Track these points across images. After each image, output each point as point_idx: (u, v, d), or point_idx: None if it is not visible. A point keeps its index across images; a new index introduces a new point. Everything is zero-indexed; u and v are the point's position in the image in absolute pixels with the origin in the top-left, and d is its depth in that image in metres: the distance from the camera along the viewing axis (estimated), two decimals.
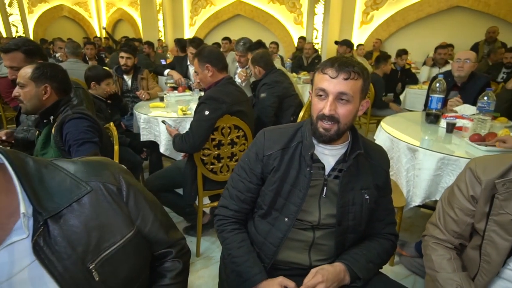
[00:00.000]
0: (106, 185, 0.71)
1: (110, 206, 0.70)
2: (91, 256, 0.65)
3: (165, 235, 0.81)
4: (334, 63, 0.92)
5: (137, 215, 0.75)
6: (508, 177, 0.88)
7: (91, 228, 0.66)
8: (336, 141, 0.99)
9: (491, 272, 0.90)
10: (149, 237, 0.78)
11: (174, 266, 0.84)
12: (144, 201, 0.78)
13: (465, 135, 1.96)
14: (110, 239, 0.68)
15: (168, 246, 0.83)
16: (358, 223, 1.03)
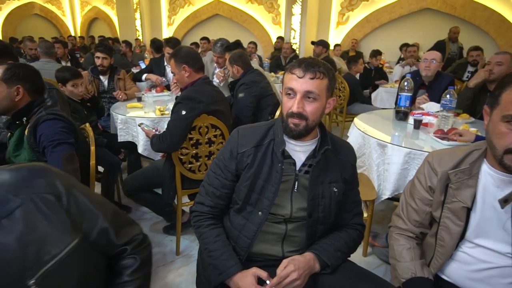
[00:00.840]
0: (41, 195, 0.66)
1: (46, 217, 0.65)
2: (30, 272, 0.61)
3: (115, 236, 0.79)
4: (301, 64, 0.98)
5: (82, 220, 0.72)
6: (460, 168, 0.97)
7: (27, 243, 0.62)
8: (305, 137, 1.05)
9: (445, 255, 0.99)
10: (98, 241, 0.75)
11: (130, 263, 0.83)
12: (88, 204, 0.75)
13: (430, 131, 2.08)
14: (51, 251, 0.64)
15: (122, 244, 0.81)
16: (328, 215, 1.09)
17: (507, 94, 0.83)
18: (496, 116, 0.86)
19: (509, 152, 0.82)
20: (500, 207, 0.90)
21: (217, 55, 3.23)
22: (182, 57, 1.89)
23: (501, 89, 0.85)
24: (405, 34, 6.77)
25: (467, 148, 1.01)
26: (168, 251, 2.13)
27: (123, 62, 5.04)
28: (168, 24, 10.62)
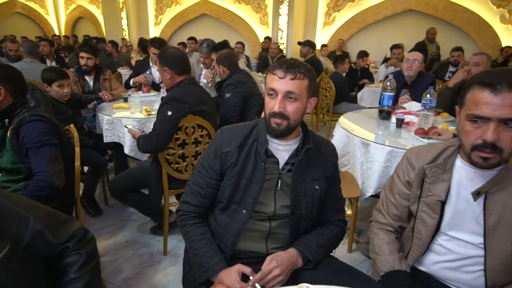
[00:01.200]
0: None
1: None
2: None
3: (53, 236, 0.77)
4: (282, 65, 1.01)
5: (8, 228, 0.68)
6: (435, 162, 1.02)
7: None
8: (287, 136, 1.08)
9: (421, 247, 1.04)
10: (34, 245, 0.73)
11: (75, 260, 0.81)
12: (14, 209, 0.71)
13: (411, 130, 2.15)
14: None
15: (62, 243, 0.80)
16: (310, 212, 1.12)
17: (470, 95, 0.88)
18: (463, 115, 0.90)
19: (475, 148, 0.87)
20: (473, 200, 0.94)
21: (203, 56, 3.24)
22: (164, 59, 1.91)
23: (466, 90, 0.90)
24: (390, 34, 6.91)
25: (443, 144, 1.05)
26: (156, 251, 2.13)
27: (109, 62, 4.98)
28: (155, 24, 10.53)
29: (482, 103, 0.83)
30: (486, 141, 0.83)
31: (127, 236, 2.27)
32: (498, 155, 0.84)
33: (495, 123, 0.82)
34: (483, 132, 0.84)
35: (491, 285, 0.94)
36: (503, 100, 0.80)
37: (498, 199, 0.91)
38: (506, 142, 0.82)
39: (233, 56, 2.77)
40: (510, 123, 0.81)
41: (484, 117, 0.83)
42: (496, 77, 0.82)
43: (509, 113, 0.80)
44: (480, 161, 0.86)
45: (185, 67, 1.94)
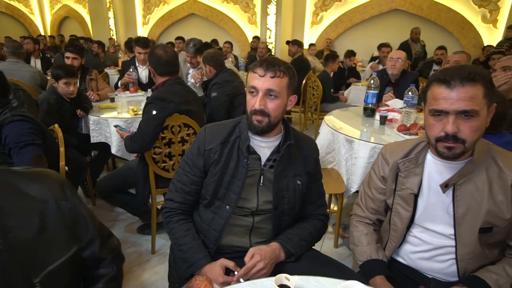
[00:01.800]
0: (58, 202, 0.72)
1: (60, 223, 0.71)
2: (35, 271, 0.66)
3: (100, 246, 0.83)
4: (262, 63, 1.03)
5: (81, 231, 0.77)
6: (408, 157, 1.06)
7: (39, 245, 0.68)
8: (269, 133, 1.10)
9: (397, 238, 1.08)
10: (86, 251, 0.80)
11: (107, 271, 0.86)
12: (86, 217, 0.79)
13: (394, 126, 2.20)
14: (54, 255, 0.70)
15: (104, 254, 0.85)
16: (292, 207, 1.15)
17: (430, 92, 0.93)
18: (426, 111, 0.96)
19: (439, 140, 0.92)
20: (442, 192, 0.99)
21: (189, 55, 3.25)
22: (150, 59, 1.93)
23: (426, 88, 0.96)
24: (376, 33, 7.01)
25: (415, 140, 1.10)
26: (144, 250, 2.14)
27: (95, 62, 4.92)
28: (143, 24, 10.44)
29: (440, 98, 0.89)
30: (447, 133, 0.89)
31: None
32: (462, 144, 0.89)
33: (453, 116, 0.88)
34: (444, 125, 0.89)
35: (463, 272, 0.98)
36: (458, 94, 0.87)
37: (466, 190, 0.96)
38: (466, 133, 0.88)
39: (220, 56, 2.79)
40: (468, 114, 0.87)
41: (443, 111, 0.89)
42: (449, 74, 0.88)
43: (464, 106, 0.86)
44: (446, 151, 0.91)
45: (169, 69, 1.93)
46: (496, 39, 6.38)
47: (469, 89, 0.86)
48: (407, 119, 2.21)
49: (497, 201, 0.93)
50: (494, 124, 1.48)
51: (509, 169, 0.93)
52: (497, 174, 0.94)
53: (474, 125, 0.88)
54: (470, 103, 0.86)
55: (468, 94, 0.86)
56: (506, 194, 0.92)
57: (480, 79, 0.87)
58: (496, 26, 6.48)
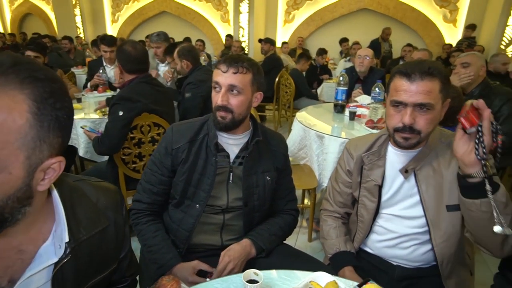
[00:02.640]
0: (117, 219, 0.72)
1: (114, 240, 0.71)
2: (82, 284, 0.67)
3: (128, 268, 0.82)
4: (225, 59, 1.04)
5: (122, 249, 0.76)
6: (371, 150, 1.10)
7: (95, 259, 0.68)
8: (234, 129, 1.10)
9: (364, 229, 1.12)
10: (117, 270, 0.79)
11: None
12: (128, 234, 0.79)
13: (363, 121, 2.27)
14: (102, 270, 0.70)
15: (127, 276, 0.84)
16: (262, 203, 1.16)
17: (392, 83, 0.98)
18: (388, 101, 1.01)
19: (397, 131, 0.97)
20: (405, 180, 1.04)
21: (154, 45, 3.16)
22: (118, 55, 1.87)
23: (390, 79, 1.00)
24: (347, 32, 7.20)
25: (377, 133, 1.14)
26: None
27: (60, 62, 4.70)
28: (112, 21, 10.10)
29: (401, 90, 0.94)
30: (404, 124, 0.93)
31: None
32: (417, 135, 0.95)
33: (411, 108, 0.93)
34: (402, 116, 0.94)
35: (441, 259, 1.02)
36: (417, 87, 0.92)
37: (425, 174, 1.01)
38: (421, 125, 0.93)
39: (196, 50, 2.67)
40: (424, 107, 0.92)
41: (402, 102, 0.94)
42: (411, 67, 0.93)
43: (421, 99, 0.91)
44: (402, 141, 0.96)
45: (137, 66, 1.88)
46: (456, 37, 6.75)
47: (427, 83, 0.91)
48: (375, 114, 2.28)
49: (455, 175, 0.97)
50: (452, 117, 1.56)
51: None
52: (450, 151, 0.99)
53: (429, 118, 0.93)
54: (427, 97, 0.91)
55: (426, 88, 0.91)
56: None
57: (438, 75, 0.92)
58: (456, 25, 6.85)
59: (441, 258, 1.01)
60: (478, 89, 2.11)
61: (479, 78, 2.11)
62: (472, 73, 2.06)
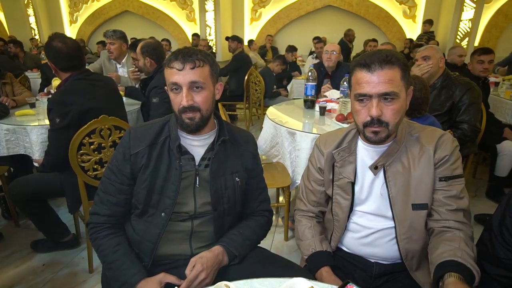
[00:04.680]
0: None
1: None
2: None
3: None
4: (177, 55, 0.94)
5: None
6: (341, 147, 1.07)
7: None
8: (203, 128, 1.03)
9: (340, 228, 1.08)
10: None
11: None
12: None
13: (333, 116, 2.26)
14: None
15: None
16: (233, 206, 1.09)
17: (354, 77, 0.95)
18: (352, 97, 0.97)
19: (366, 126, 0.93)
20: (376, 176, 1.01)
21: (108, 41, 2.96)
22: (48, 53, 1.71)
23: (350, 74, 0.97)
24: (313, 29, 7.29)
25: (346, 129, 1.11)
26: (80, 270, 1.92)
27: (11, 65, 4.34)
28: (70, 22, 9.56)
29: (363, 82, 0.90)
30: (372, 117, 0.90)
31: (43, 259, 2.00)
32: (385, 128, 0.91)
33: (376, 99, 0.89)
34: (369, 109, 0.91)
35: (405, 254, 1.00)
36: (378, 77, 0.88)
37: (394, 170, 0.99)
38: (388, 116, 0.90)
39: (162, 48, 2.47)
40: (389, 97, 0.90)
41: (366, 94, 0.90)
42: (369, 58, 0.90)
43: (385, 88, 0.88)
44: (372, 135, 0.93)
45: (71, 63, 1.73)
46: (415, 32, 7.05)
47: (387, 71, 0.88)
48: (344, 108, 2.28)
49: (423, 174, 0.97)
50: (418, 108, 1.58)
51: (428, 143, 0.98)
52: (419, 148, 0.98)
53: (395, 108, 0.90)
54: (390, 86, 0.88)
55: (387, 77, 0.88)
56: (429, 164, 0.97)
57: (396, 62, 0.90)
58: (415, 21, 7.16)
59: (405, 253, 1.00)
60: (440, 80, 2.17)
61: (439, 69, 2.17)
62: (432, 64, 2.12)
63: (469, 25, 6.32)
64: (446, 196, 0.96)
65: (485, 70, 2.64)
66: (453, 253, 0.85)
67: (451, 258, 0.83)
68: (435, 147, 0.97)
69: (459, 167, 0.98)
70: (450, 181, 0.96)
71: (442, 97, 2.14)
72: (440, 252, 0.88)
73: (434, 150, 0.97)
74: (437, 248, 0.90)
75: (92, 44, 9.01)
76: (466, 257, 0.84)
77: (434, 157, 0.97)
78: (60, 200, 2.62)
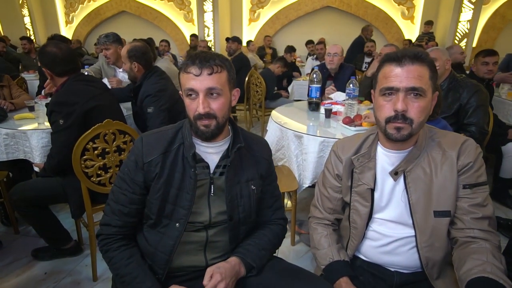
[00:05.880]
0: None
1: None
2: None
3: None
4: (195, 60, 0.90)
5: None
6: (360, 152, 1.04)
7: None
8: (218, 136, 0.99)
9: (358, 236, 1.05)
10: None
11: None
12: None
13: (339, 119, 2.24)
14: None
15: None
16: (248, 214, 1.06)
17: (381, 72, 0.94)
18: (377, 93, 0.96)
19: (388, 121, 0.92)
20: (396, 182, 0.98)
21: (102, 47, 2.83)
22: (43, 59, 1.70)
23: (378, 71, 0.96)
24: (312, 29, 7.29)
25: (364, 133, 1.09)
26: (84, 278, 1.87)
27: (5, 66, 4.25)
28: (66, 22, 9.47)
29: (391, 76, 0.90)
30: (397, 112, 0.89)
31: (45, 267, 1.95)
32: (409, 125, 0.90)
33: (403, 94, 0.88)
34: (394, 104, 0.89)
35: (426, 262, 0.98)
36: (407, 72, 0.88)
37: (415, 176, 0.97)
38: (414, 112, 0.89)
39: (150, 52, 2.31)
40: (416, 93, 0.88)
41: (393, 87, 0.89)
42: (401, 53, 0.90)
43: (413, 83, 0.88)
44: (394, 132, 0.91)
45: (67, 67, 1.73)
46: (414, 33, 7.07)
47: (417, 67, 0.88)
48: (351, 110, 2.25)
49: (446, 180, 0.95)
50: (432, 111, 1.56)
51: (450, 148, 0.97)
52: (441, 154, 0.96)
53: (421, 105, 0.89)
54: (419, 81, 0.88)
55: (417, 73, 0.88)
56: (452, 170, 0.95)
57: (426, 60, 0.90)
58: (413, 22, 7.18)
59: (426, 262, 0.98)
60: (446, 82, 2.16)
61: (445, 71, 2.16)
62: (439, 66, 2.10)
63: (467, 26, 6.36)
64: (470, 204, 0.93)
65: (490, 72, 2.64)
66: (482, 268, 0.83)
67: (482, 274, 0.81)
68: (458, 153, 0.95)
69: (483, 174, 0.96)
70: (474, 189, 0.94)
71: (449, 99, 2.13)
72: (468, 268, 0.85)
73: (457, 156, 0.95)
74: (464, 263, 0.87)
75: (88, 45, 8.93)
76: (497, 271, 0.81)
77: (458, 163, 0.94)
78: (60, 205, 2.57)
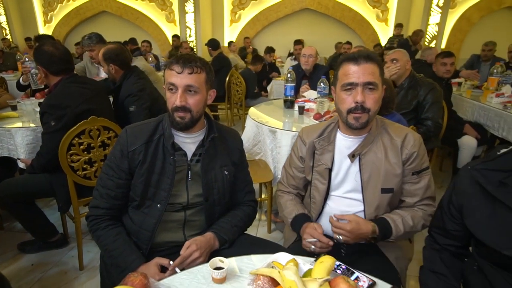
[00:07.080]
0: None
1: None
2: None
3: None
4: (179, 60, 1.06)
5: None
6: (322, 136, 1.22)
7: None
8: (192, 128, 1.14)
9: (316, 210, 1.23)
10: None
11: None
12: None
13: (311, 115, 2.42)
14: None
15: None
16: (222, 196, 1.21)
17: (341, 71, 1.12)
18: (338, 88, 1.13)
19: (349, 112, 1.10)
20: (351, 163, 1.16)
21: (87, 49, 2.90)
22: (39, 58, 1.76)
23: (337, 69, 1.14)
24: (291, 31, 7.51)
25: (326, 122, 1.27)
26: (70, 268, 1.97)
27: None
28: (44, 22, 9.31)
29: (350, 73, 1.08)
30: (357, 103, 1.07)
31: (32, 259, 2.03)
32: (366, 114, 1.08)
33: (361, 87, 1.07)
34: (354, 97, 1.07)
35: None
36: (363, 69, 1.06)
37: (368, 159, 1.15)
38: (370, 103, 1.07)
39: (126, 53, 2.34)
40: (372, 87, 1.07)
41: (353, 83, 1.07)
42: (357, 54, 1.09)
43: (369, 78, 1.06)
44: (354, 121, 1.09)
45: (64, 66, 1.80)
46: (388, 35, 7.41)
47: (370, 65, 1.07)
48: (321, 107, 2.44)
49: (391, 163, 1.13)
50: (386, 106, 1.76)
51: (397, 136, 1.16)
52: (390, 141, 1.15)
53: (376, 97, 1.08)
54: (373, 77, 1.07)
55: (370, 70, 1.07)
56: (397, 156, 1.14)
57: (375, 59, 1.10)
58: (387, 24, 7.51)
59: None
60: (407, 81, 2.37)
61: (406, 71, 2.37)
62: (400, 66, 2.32)
63: (436, 29, 6.73)
64: (416, 188, 1.15)
65: (448, 72, 2.89)
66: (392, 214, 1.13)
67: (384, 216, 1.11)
68: (402, 142, 1.14)
69: (426, 160, 1.17)
70: (420, 174, 1.15)
71: (409, 97, 2.35)
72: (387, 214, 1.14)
73: (401, 144, 1.14)
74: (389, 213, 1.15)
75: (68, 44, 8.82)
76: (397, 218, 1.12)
77: (403, 151, 1.14)
78: (46, 200, 2.64)
